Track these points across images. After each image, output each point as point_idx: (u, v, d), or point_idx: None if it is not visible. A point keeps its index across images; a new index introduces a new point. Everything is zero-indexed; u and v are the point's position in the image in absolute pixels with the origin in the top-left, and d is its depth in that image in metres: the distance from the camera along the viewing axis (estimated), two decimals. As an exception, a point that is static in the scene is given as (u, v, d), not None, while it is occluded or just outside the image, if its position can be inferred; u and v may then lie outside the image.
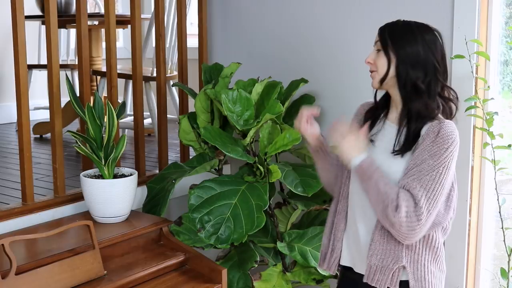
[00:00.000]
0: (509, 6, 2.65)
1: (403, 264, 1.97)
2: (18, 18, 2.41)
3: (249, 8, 3.29)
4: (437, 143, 1.92)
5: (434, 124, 1.95)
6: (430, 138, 1.94)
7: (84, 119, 2.50)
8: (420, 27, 2.01)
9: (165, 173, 2.77)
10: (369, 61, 2.04)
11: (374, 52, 2.03)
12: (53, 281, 2.02)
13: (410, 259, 1.98)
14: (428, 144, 1.93)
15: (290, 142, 2.54)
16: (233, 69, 2.78)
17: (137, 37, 2.90)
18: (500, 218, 2.49)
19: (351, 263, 2.11)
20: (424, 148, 1.94)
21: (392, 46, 1.99)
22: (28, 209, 2.47)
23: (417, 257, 1.99)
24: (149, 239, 2.48)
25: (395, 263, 1.98)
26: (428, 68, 1.98)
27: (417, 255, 1.99)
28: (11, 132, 4.47)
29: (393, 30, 2.02)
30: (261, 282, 2.63)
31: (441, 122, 1.95)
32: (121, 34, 5.44)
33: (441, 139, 1.92)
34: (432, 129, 1.95)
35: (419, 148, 1.94)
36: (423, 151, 1.93)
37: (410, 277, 1.98)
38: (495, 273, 2.66)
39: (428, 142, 1.94)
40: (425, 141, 1.94)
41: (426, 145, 1.94)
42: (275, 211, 2.77)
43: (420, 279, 1.99)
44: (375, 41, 2.03)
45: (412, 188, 1.89)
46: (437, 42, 2.00)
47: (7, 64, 4.42)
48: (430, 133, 1.94)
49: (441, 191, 1.91)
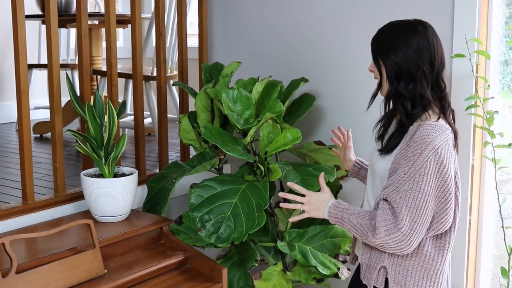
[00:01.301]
0: (509, 6, 2.65)
1: (384, 265, 2.00)
2: (19, 17, 2.41)
3: (250, 8, 3.29)
4: (411, 148, 1.91)
5: (414, 126, 1.95)
6: (406, 141, 1.95)
7: (84, 118, 2.50)
8: (406, 29, 1.99)
9: (166, 172, 2.77)
10: (371, 69, 2.08)
11: (372, 61, 2.07)
12: (53, 280, 2.02)
13: (392, 261, 2.00)
14: (404, 147, 1.94)
15: (290, 141, 2.54)
16: (234, 68, 2.78)
17: (137, 37, 2.90)
18: (501, 217, 2.49)
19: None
20: (400, 152, 1.95)
21: (379, 56, 2.03)
22: (29, 208, 2.48)
23: (401, 260, 1.99)
24: (150, 238, 2.48)
25: (377, 263, 2.01)
26: (415, 73, 1.97)
27: (400, 258, 1.99)
28: (11, 132, 4.47)
29: (378, 39, 2.05)
30: (262, 281, 2.63)
31: (420, 124, 1.94)
32: (121, 33, 5.45)
33: (414, 143, 1.91)
34: (410, 131, 1.95)
35: (398, 150, 1.96)
36: (399, 155, 1.95)
37: (390, 279, 2.00)
38: (495, 272, 2.66)
39: (403, 145, 1.95)
40: (402, 143, 1.96)
41: (402, 148, 1.95)
42: (275, 210, 2.77)
43: (400, 283, 1.99)
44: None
45: (392, 201, 1.91)
46: (424, 42, 1.98)
47: (7, 63, 4.43)
48: (408, 135, 1.95)
49: (423, 198, 1.89)
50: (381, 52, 2.01)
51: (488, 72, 2.61)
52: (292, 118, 2.88)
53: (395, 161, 1.95)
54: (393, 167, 1.95)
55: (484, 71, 2.61)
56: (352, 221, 1.97)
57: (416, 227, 1.89)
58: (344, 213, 1.99)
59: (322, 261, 2.61)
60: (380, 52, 2.02)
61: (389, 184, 1.94)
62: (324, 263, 2.61)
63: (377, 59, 2.03)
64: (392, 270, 1.99)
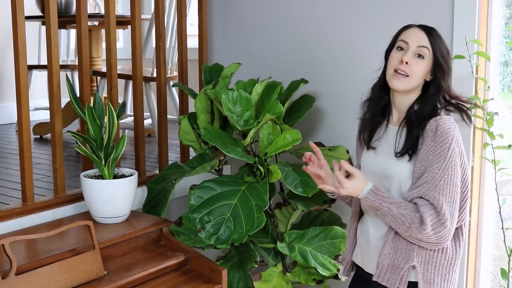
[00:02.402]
0: (509, 7, 2.65)
1: (413, 264, 1.97)
2: (18, 18, 2.41)
3: (249, 9, 3.29)
4: (439, 143, 1.92)
5: (431, 122, 1.96)
6: (429, 137, 1.94)
7: (84, 119, 2.50)
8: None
9: (165, 174, 2.77)
10: (407, 62, 1.97)
11: (412, 56, 1.98)
12: (53, 281, 2.02)
13: (421, 259, 1.98)
14: (430, 143, 1.93)
15: (290, 142, 2.54)
16: (233, 70, 2.78)
17: (137, 38, 2.90)
18: (500, 219, 2.49)
19: (362, 262, 2.13)
20: (427, 149, 1.94)
21: (434, 56, 1.99)
22: (28, 209, 2.47)
23: (429, 257, 1.98)
24: (149, 240, 2.48)
25: (405, 262, 1.97)
26: (449, 68, 2.01)
27: (428, 255, 1.98)
28: (11, 133, 4.47)
29: (436, 38, 2.00)
30: (261, 283, 2.63)
31: (437, 119, 1.95)
32: (121, 34, 5.44)
33: (441, 137, 1.92)
34: (430, 127, 1.95)
35: (423, 149, 1.95)
36: (427, 152, 1.94)
37: (419, 277, 1.98)
38: (495, 274, 2.66)
39: (429, 141, 1.94)
40: (426, 140, 1.95)
41: (428, 144, 1.94)
42: (275, 211, 2.77)
43: (429, 280, 1.98)
44: (417, 45, 1.98)
45: (431, 199, 1.91)
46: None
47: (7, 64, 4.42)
48: (429, 131, 1.95)
49: (456, 190, 1.93)
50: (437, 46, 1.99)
51: (488, 73, 2.61)
52: (292, 119, 2.88)
53: (423, 158, 1.94)
54: (421, 165, 1.95)
55: (484, 72, 2.61)
56: (392, 210, 1.92)
57: (454, 221, 1.93)
58: (384, 201, 1.94)
59: (322, 262, 2.61)
60: (436, 47, 1.99)
61: (422, 182, 1.93)
62: (324, 264, 2.61)
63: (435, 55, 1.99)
64: (421, 268, 1.97)
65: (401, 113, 2.05)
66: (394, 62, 2.00)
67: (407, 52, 1.98)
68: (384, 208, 1.94)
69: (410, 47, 1.98)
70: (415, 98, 2.03)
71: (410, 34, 2.00)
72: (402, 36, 2.02)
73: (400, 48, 2.00)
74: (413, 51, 1.98)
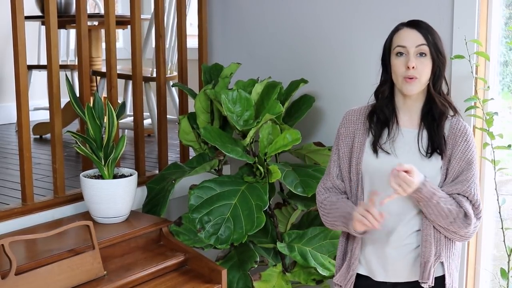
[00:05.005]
0: (509, 7, 2.65)
1: (442, 260, 2.01)
2: (18, 18, 2.41)
3: (249, 9, 3.29)
4: (469, 142, 2.00)
5: (454, 121, 2.02)
6: (462, 137, 2.00)
7: (84, 119, 2.50)
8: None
9: (165, 174, 2.77)
10: (413, 66, 1.94)
11: (415, 57, 1.96)
12: (52, 281, 2.02)
13: (447, 253, 2.03)
14: (463, 144, 2.00)
15: (290, 142, 2.54)
16: (233, 70, 2.78)
17: (137, 38, 2.90)
18: (500, 219, 2.49)
19: (369, 272, 2.06)
20: (463, 149, 2.00)
21: (434, 51, 1.97)
22: (28, 209, 2.48)
23: (449, 253, 2.04)
24: (149, 240, 2.48)
25: (436, 259, 2.01)
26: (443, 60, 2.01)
27: (448, 249, 2.04)
28: (11, 133, 4.47)
29: (429, 31, 1.99)
30: (261, 282, 2.63)
31: (459, 119, 2.03)
32: (121, 34, 5.44)
33: (468, 135, 2.00)
34: (457, 126, 2.01)
35: (458, 149, 1.99)
36: (464, 152, 2.00)
37: (446, 272, 2.02)
38: (495, 274, 2.66)
39: (461, 142, 2.00)
40: (458, 139, 2.00)
41: (462, 145, 2.00)
42: (275, 211, 2.77)
43: (451, 274, 2.04)
44: (416, 46, 1.95)
45: (471, 196, 1.98)
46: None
47: (7, 64, 4.42)
48: (458, 132, 2.00)
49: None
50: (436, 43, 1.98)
51: (487, 73, 2.61)
52: (292, 119, 2.88)
53: (461, 158, 1.99)
54: (459, 164, 1.99)
55: (484, 72, 2.61)
56: (440, 204, 1.93)
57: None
58: (434, 195, 1.92)
59: (322, 262, 2.61)
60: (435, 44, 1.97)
61: (462, 180, 1.98)
62: (324, 264, 2.61)
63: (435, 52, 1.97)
64: (447, 262, 2.02)
65: (412, 114, 2.03)
66: (400, 70, 1.96)
67: (409, 56, 1.95)
68: (433, 201, 1.93)
69: (410, 50, 1.95)
70: (424, 97, 2.02)
71: (403, 36, 1.98)
72: (395, 40, 1.99)
73: (400, 53, 1.97)
74: (413, 52, 1.96)
